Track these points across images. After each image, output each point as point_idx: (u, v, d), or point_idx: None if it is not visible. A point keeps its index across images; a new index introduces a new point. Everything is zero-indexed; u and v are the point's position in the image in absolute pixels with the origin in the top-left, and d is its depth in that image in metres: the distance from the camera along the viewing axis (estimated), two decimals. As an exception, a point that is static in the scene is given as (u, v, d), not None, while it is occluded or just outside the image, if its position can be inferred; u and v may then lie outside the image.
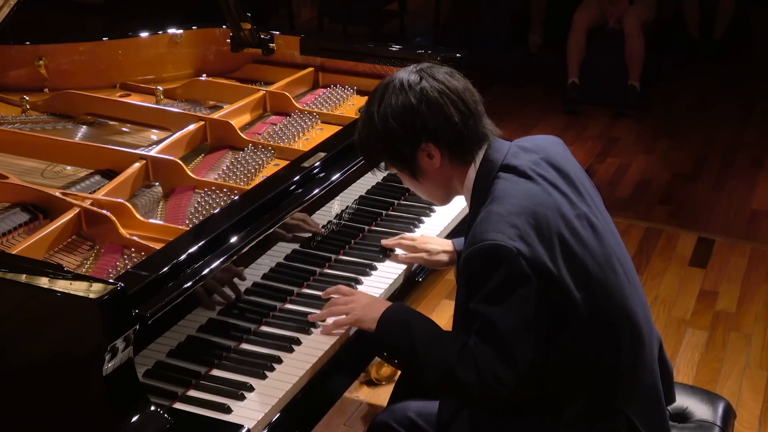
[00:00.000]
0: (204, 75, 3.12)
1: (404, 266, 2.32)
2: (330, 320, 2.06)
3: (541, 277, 1.76)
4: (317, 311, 2.09)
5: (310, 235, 2.26)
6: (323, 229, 2.29)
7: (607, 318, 1.85)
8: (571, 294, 1.79)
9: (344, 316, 2.03)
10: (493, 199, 1.84)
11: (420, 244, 2.32)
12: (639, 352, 1.91)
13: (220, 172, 2.44)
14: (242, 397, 1.83)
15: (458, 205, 2.62)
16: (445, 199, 2.06)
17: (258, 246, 2.04)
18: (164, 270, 1.80)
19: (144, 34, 3.10)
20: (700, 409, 2.16)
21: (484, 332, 1.78)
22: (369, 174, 2.50)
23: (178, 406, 1.81)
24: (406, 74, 1.93)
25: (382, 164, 2.05)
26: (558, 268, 1.78)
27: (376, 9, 6.91)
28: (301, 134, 2.69)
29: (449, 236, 2.50)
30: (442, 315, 3.56)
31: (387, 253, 2.34)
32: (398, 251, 2.35)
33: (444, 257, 2.29)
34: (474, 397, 1.82)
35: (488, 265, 1.76)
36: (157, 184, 2.37)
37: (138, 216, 2.14)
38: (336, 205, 2.34)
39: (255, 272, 2.09)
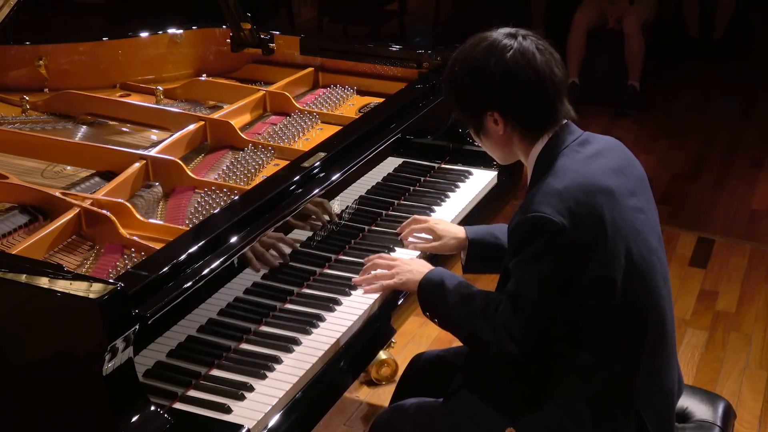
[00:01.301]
0: (204, 75, 3.12)
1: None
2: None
3: (582, 254, 1.80)
4: (317, 311, 2.10)
5: (321, 224, 2.28)
6: (327, 225, 2.30)
7: (639, 309, 1.88)
8: (610, 277, 1.82)
9: (390, 281, 2.14)
10: (553, 173, 1.87)
11: (433, 225, 2.34)
12: (661, 352, 1.94)
13: (220, 172, 2.44)
14: (242, 397, 1.83)
15: (460, 203, 2.62)
16: (505, 160, 2.07)
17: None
18: (164, 270, 1.80)
19: (144, 34, 3.10)
20: (700, 409, 2.16)
21: (513, 290, 1.86)
22: (369, 174, 2.50)
23: (178, 406, 1.81)
24: (501, 36, 1.91)
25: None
26: (602, 249, 1.81)
27: (376, 9, 6.91)
28: (301, 134, 2.69)
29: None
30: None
31: (388, 253, 2.34)
32: (410, 239, 2.37)
33: (453, 242, 2.31)
34: (492, 354, 1.92)
35: (532, 234, 1.82)
36: (157, 184, 2.37)
37: (138, 216, 2.14)
38: (336, 205, 2.34)
39: (255, 272, 2.08)
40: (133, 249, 2.02)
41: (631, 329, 1.88)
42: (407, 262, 2.17)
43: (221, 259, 1.91)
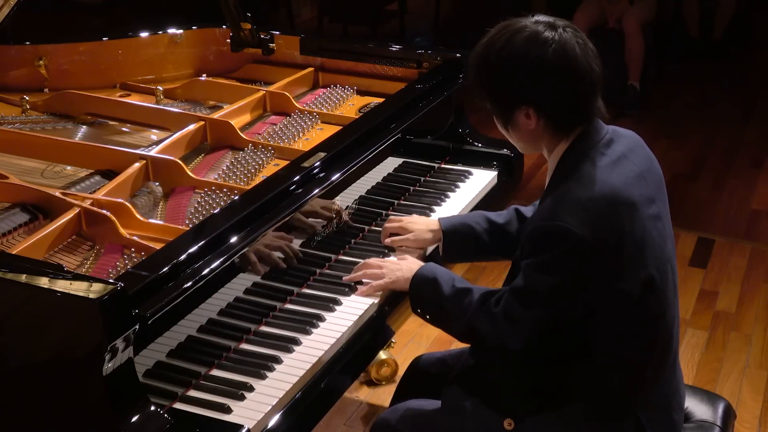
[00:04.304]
0: (204, 75, 3.12)
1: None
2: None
3: (599, 265, 1.79)
4: (317, 311, 2.10)
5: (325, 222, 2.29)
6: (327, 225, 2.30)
7: (651, 319, 1.87)
8: (625, 289, 1.81)
9: (380, 280, 2.13)
10: (576, 179, 1.83)
11: (406, 224, 2.35)
12: (666, 360, 1.94)
13: (220, 172, 2.44)
14: (242, 397, 1.83)
15: (460, 203, 2.62)
16: (528, 152, 2.04)
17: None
18: (164, 270, 1.80)
19: (144, 34, 3.10)
20: (700, 409, 2.16)
21: (521, 288, 1.85)
22: (369, 174, 2.50)
23: (178, 406, 1.81)
24: (541, 28, 1.84)
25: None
26: (620, 262, 1.80)
27: (376, 9, 6.91)
28: (301, 134, 2.69)
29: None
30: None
31: (387, 253, 2.34)
32: (387, 240, 2.36)
33: (428, 235, 2.32)
34: (489, 347, 1.92)
35: (552, 242, 1.79)
36: (157, 184, 2.37)
37: (138, 216, 2.14)
38: (336, 205, 2.34)
39: (255, 273, 2.08)
40: (133, 249, 2.02)
41: (642, 339, 1.87)
42: (397, 262, 2.17)
43: (221, 259, 1.91)
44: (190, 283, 1.83)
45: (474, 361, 2.03)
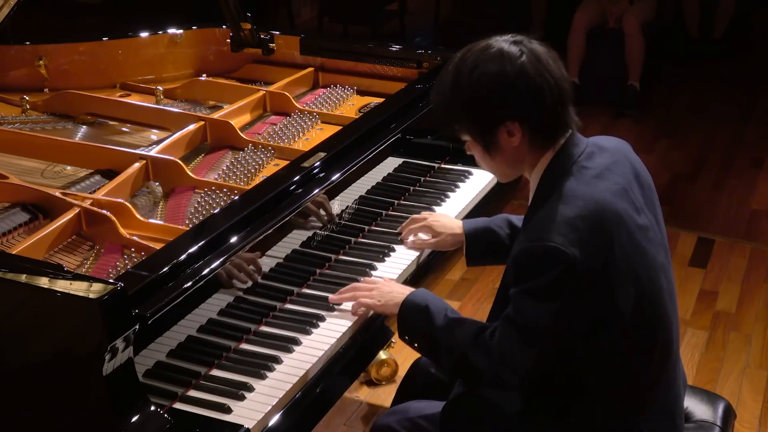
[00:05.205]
0: (204, 75, 3.13)
1: (404, 265, 2.31)
2: (347, 304, 2.12)
3: (592, 284, 1.75)
4: (317, 311, 2.10)
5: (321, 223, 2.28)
6: (328, 225, 2.30)
7: (647, 331, 1.85)
8: (618, 304, 1.78)
9: (369, 300, 2.07)
10: (561, 197, 1.79)
11: (431, 223, 2.35)
12: (665, 366, 1.92)
13: (220, 172, 2.44)
14: (242, 397, 1.83)
15: (460, 203, 2.62)
16: (508, 178, 1.99)
17: (263, 242, 2.05)
18: (164, 270, 1.80)
19: (144, 34, 3.11)
20: (700, 409, 2.16)
21: (517, 321, 1.80)
22: (369, 174, 2.50)
23: (178, 406, 1.81)
24: (505, 44, 1.81)
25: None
26: (610, 276, 1.77)
27: (376, 9, 6.91)
28: (301, 134, 2.69)
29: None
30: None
31: (387, 253, 2.34)
32: (409, 238, 2.38)
33: (449, 239, 2.32)
34: (486, 382, 1.87)
35: (542, 264, 1.75)
36: (157, 184, 2.37)
37: (138, 216, 2.14)
38: (336, 205, 2.34)
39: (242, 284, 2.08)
40: (133, 249, 2.03)
41: (638, 351, 1.85)
42: (388, 284, 2.11)
43: (221, 259, 1.91)
44: (190, 283, 1.83)
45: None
